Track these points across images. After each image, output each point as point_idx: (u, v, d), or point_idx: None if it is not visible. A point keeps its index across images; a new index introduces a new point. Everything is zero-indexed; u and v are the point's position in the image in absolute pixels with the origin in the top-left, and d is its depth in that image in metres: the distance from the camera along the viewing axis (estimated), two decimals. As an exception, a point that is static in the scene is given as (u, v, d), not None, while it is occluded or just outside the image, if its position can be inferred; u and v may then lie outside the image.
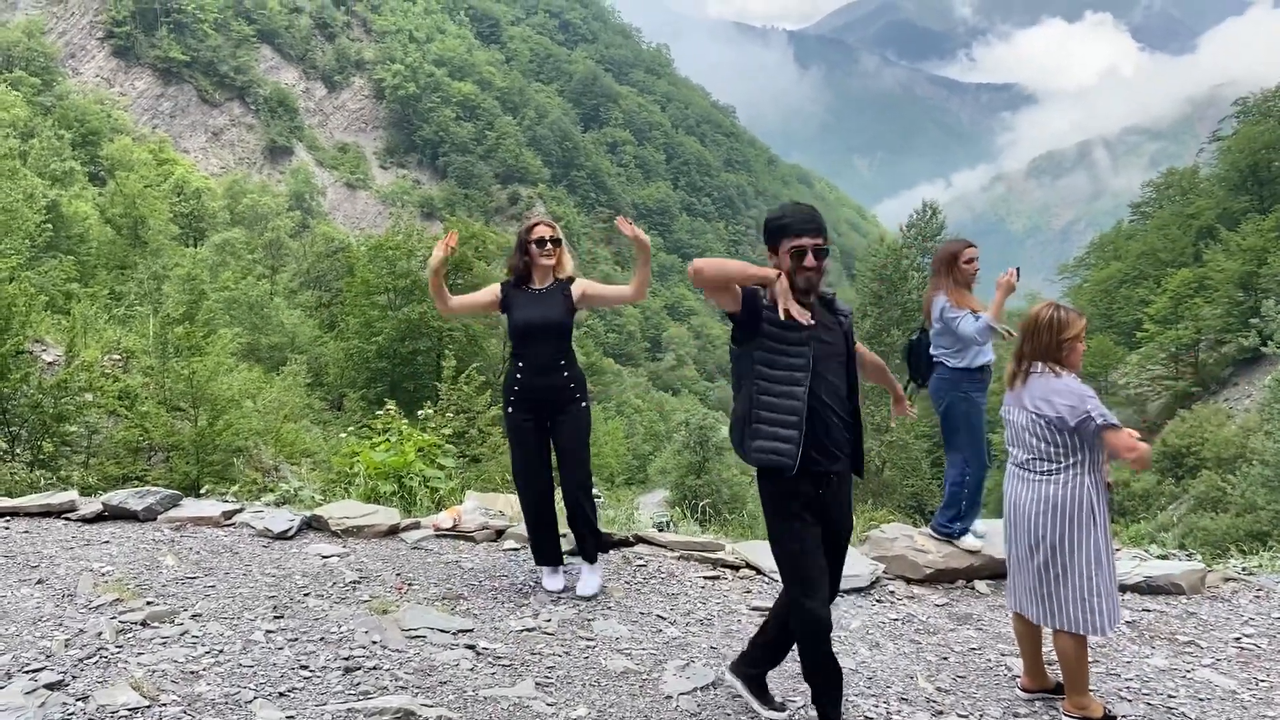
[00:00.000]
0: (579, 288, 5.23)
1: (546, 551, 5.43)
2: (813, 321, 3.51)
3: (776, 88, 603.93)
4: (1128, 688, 4.51)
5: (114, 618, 4.49)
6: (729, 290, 3.54)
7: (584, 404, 5.23)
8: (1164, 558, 6.76)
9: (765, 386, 3.59)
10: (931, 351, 5.88)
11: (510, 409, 5.23)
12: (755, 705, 3.99)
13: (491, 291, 5.33)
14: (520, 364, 5.16)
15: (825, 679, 3.75)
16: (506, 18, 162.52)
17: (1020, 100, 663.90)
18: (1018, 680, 4.47)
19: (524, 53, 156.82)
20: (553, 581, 5.36)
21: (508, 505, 6.89)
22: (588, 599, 5.19)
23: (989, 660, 4.79)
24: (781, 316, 3.46)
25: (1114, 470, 4.29)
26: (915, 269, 33.10)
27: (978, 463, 5.82)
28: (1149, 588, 5.88)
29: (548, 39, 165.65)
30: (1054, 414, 3.98)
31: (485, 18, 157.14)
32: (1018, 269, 5.61)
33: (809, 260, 3.54)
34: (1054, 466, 4.03)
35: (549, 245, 5.18)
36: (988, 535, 6.11)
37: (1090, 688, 4.15)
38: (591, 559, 5.37)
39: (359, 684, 3.99)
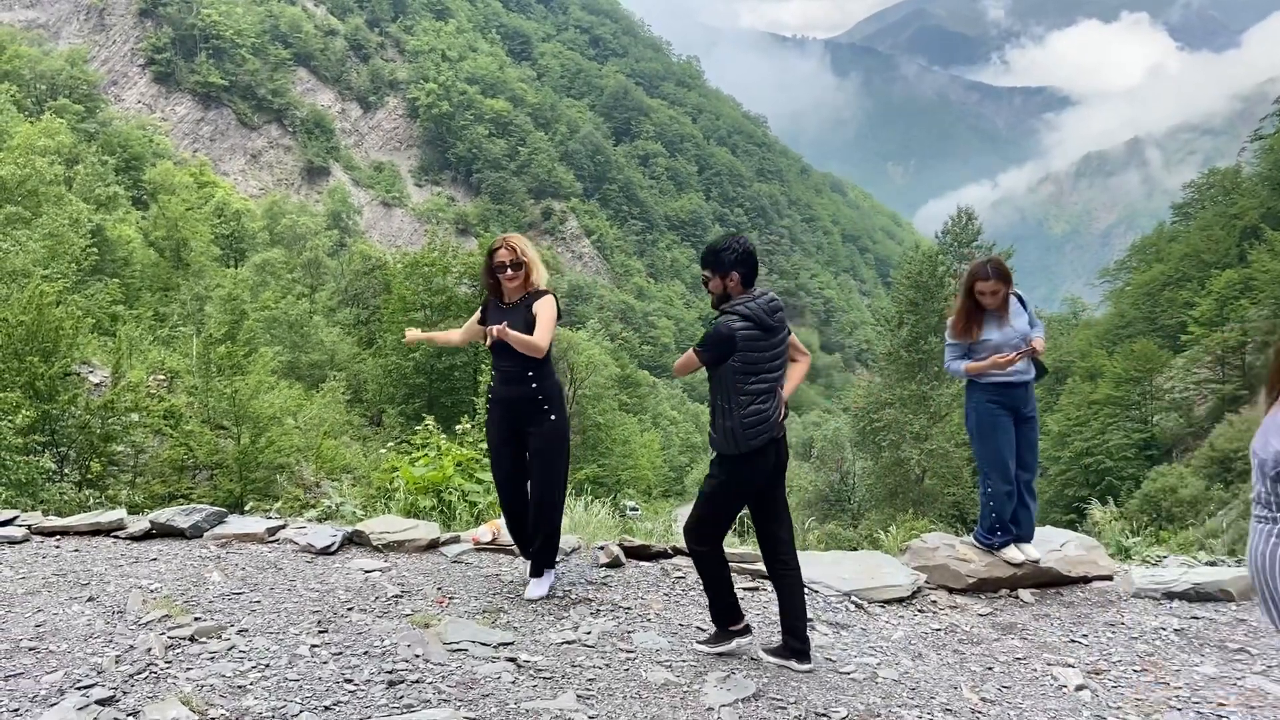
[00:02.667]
0: (539, 305, 5.24)
1: (520, 547, 5.70)
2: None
3: (810, 97, 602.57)
4: (1177, 696, 4.43)
5: (163, 634, 4.57)
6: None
7: (553, 417, 5.26)
8: (1213, 564, 6.65)
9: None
10: None
11: (488, 415, 5.48)
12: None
13: (478, 313, 5.55)
14: (494, 373, 5.41)
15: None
16: (537, 35, 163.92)
17: (1056, 102, 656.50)
18: (1064, 690, 4.41)
19: (555, 69, 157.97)
20: (535, 588, 5.46)
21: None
22: (532, 600, 5.30)
23: (1034, 670, 4.73)
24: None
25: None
26: (951, 275, 32.79)
27: (998, 476, 5.74)
28: (1198, 594, 5.78)
29: (578, 54, 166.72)
30: (1260, 453, 3.34)
31: (516, 35, 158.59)
32: (1028, 352, 5.55)
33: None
34: (1263, 513, 3.38)
35: (509, 270, 5.26)
36: (1036, 545, 6.03)
37: None
38: (536, 572, 5.48)
39: (402, 697, 4.02)
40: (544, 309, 5.21)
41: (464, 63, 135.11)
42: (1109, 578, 6.05)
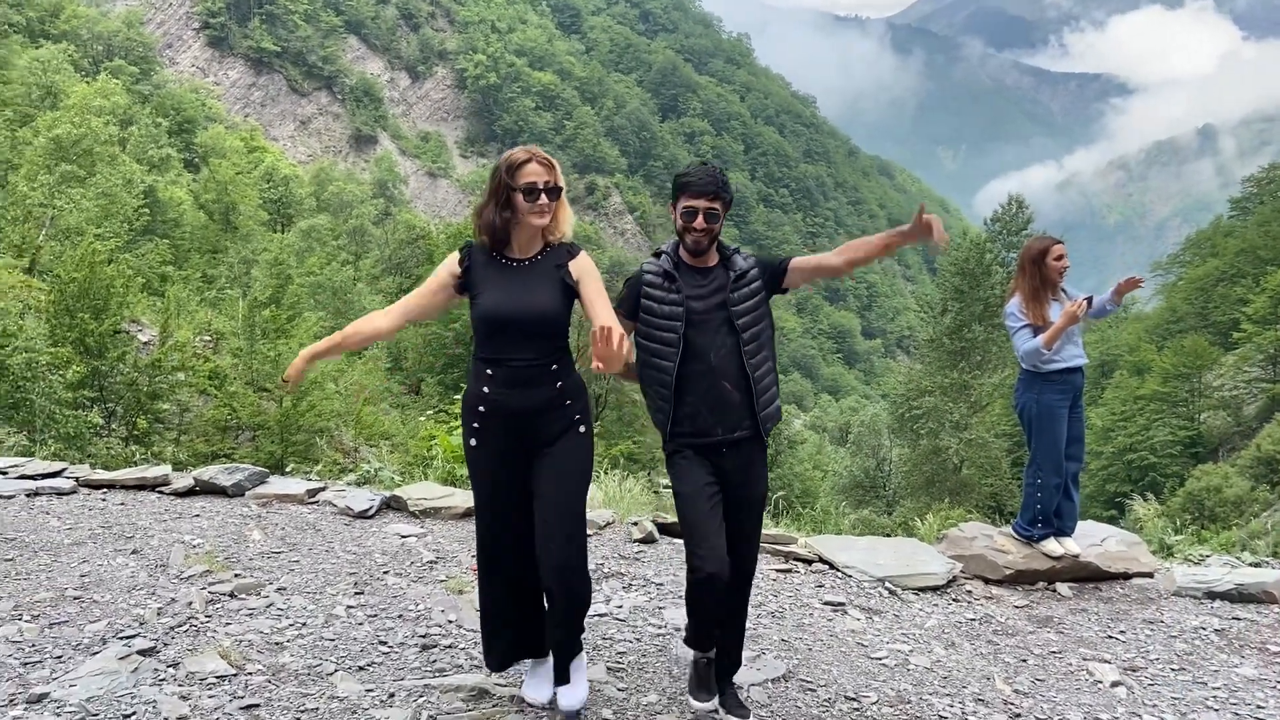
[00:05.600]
0: (579, 267, 3.39)
1: (498, 652, 3.65)
2: None
3: (871, 78, 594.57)
4: (1214, 697, 4.36)
5: (204, 588, 4.66)
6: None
7: (582, 429, 3.42)
8: (1257, 565, 6.52)
9: (643, 359, 3.65)
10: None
11: (473, 439, 3.43)
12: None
13: (448, 269, 3.43)
14: (485, 370, 3.35)
15: (726, 630, 3.75)
16: (587, 8, 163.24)
17: (1113, 89, 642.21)
18: (1100, 686, 4.35)
19: (604, 43, 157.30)
20: (572, 695, 3.55)
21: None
22: (573, 714, 3.55)
23: (1070, 665, 4.67)
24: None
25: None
26: (999, 263, 32.29)
27: (1050, 467, 5.66)
28: (1240, 595, 5.67)
29: (628, 29, 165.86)
30: None
31: (566, 8, 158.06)
32: (1089, 299, 5.47)
33: (698, 221, 3.52)
34: None
35: (542, 198, 3.32)
36: (1077, 539, 5.95)
37: None
38: (563, 677, 3.55)
39: (435, 661, 4.07)
40: (591, 275, 3.37)
41: (513, 34, 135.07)
42: (1149, 575, 5.96)
